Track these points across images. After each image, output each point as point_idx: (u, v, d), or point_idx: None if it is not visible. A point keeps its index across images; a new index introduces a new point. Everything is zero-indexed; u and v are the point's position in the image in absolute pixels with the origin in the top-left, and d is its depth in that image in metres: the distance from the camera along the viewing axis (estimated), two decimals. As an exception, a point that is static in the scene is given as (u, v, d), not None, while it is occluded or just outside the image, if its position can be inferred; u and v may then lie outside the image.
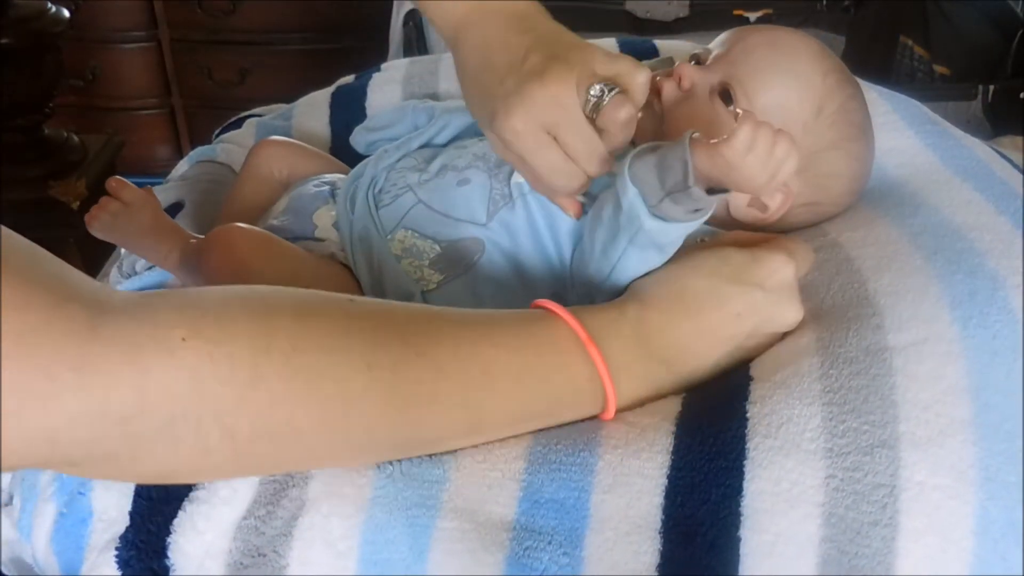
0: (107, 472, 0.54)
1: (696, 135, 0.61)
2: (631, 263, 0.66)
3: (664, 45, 1.08)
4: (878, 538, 0.53)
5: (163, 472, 0.54)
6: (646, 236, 0.64)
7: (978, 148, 0.87)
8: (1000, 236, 0.70)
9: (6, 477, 0.67)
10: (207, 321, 0.50)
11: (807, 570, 0.53)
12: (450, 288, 0.78)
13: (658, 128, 0.76)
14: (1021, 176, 0.82)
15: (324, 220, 0.82)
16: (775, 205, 0.76)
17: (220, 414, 0.50)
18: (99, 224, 0.81)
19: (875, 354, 0.61)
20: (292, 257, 0.77)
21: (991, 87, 1.78)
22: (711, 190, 0.62)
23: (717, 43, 0.81)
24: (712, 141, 0.60)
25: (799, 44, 0.79)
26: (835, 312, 0.65)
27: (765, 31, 0.80)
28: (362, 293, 0.79)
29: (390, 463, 0.58)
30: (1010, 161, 0.87)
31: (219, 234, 0.75)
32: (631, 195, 0.63)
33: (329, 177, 0.87)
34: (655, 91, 0.76)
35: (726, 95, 0.76)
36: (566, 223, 0.75)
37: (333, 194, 0.84)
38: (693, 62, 0.78)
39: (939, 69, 1.92)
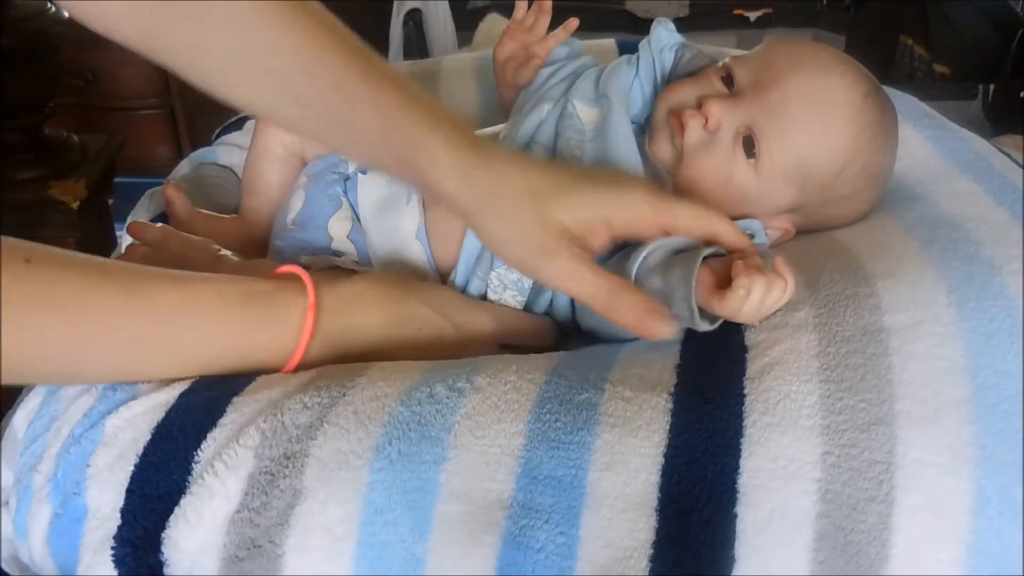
0: None
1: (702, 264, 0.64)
2: None
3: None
4: (874, 514, 0.54)
5: None
6: None
7: (975, 141, 0.88)
8: (996, 227, 0.71)
9: (6, 478, 0.67)
10: None
11: (802, 545, 0.53)
12: None
13: (676, 162, 0.76)
14: (1020, 169, 0.83)
15: (339, 231, 0.80)
16: (775, 235, 0.77)
17: None
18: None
19: (872, 334, 0.61)
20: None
21: (991, 87, 1.78)
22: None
23: (758, 55, 0.78)
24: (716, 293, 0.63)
25: (841, 98, 0.74)
26: (832, 290, 0.65)
27: (811, 72, 0.75)
28: None
29: (388, 444, 0.58)
30: (1009, 156, 0.87)
31: None
32: None
33: (348, 166, 0.85)
34: (678, 126, 0.75)
35: (749, 143, 0.74)
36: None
37: (345, 191, 0.82)
38: (724, 75, 0.77)
39: (939, 69, 1.93)
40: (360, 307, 0.69)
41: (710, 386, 0.60)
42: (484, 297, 0.77)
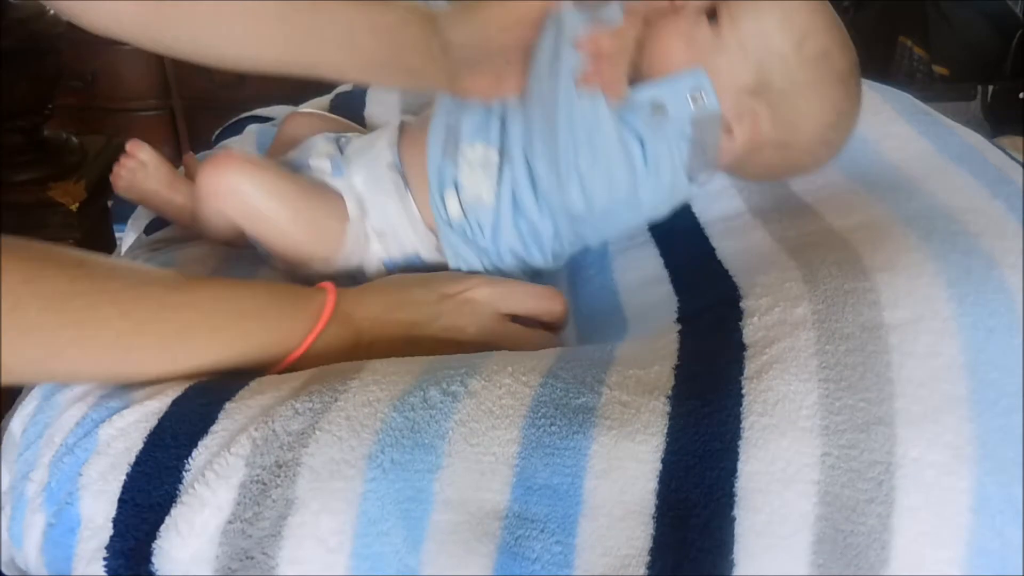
0: None
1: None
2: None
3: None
4: (873, 515, 0.53)
5: None
6: None
7: (969, 136, 0.88)
8: (994, 219, 0.70)
9: (5, 480, 0.66)
10: None
11: (802, 548, 0.53)
12: None
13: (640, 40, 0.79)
14: (1015, 163, 0.82)
15: (320, 152, 0.88)
16: (742, 131, 0.79)
17: None
18: (120, 181, 0.91)
19: (871, 330, 0.60)
20: (280, 179, 0.83)
21: (990, 87, 1.78)
22: None
23: None
24: None
25: None
26: (831, 284, 0.65)
27: None
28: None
29: (381, 452, 0.58)
30: (1006, 152, 0.87)
31: (211, 160, 0.81)
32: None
33: (349, 134, 0.93)
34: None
35: (712, 12, 0.77)
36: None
37: (337, 140, 0.90)
38: None
39: (939, 69, 1.93)
40: (368, 292, 0.77)
41: (708, 388, 0.59)
42: (458, 187, 0.82)
